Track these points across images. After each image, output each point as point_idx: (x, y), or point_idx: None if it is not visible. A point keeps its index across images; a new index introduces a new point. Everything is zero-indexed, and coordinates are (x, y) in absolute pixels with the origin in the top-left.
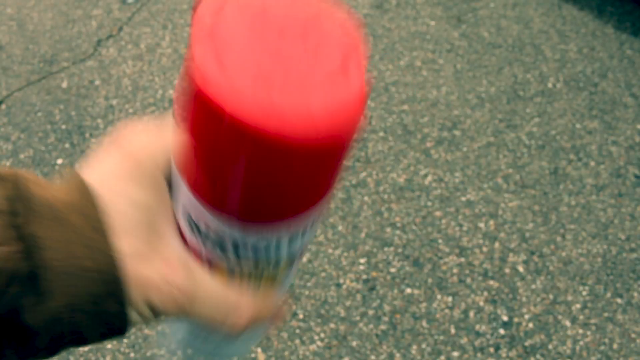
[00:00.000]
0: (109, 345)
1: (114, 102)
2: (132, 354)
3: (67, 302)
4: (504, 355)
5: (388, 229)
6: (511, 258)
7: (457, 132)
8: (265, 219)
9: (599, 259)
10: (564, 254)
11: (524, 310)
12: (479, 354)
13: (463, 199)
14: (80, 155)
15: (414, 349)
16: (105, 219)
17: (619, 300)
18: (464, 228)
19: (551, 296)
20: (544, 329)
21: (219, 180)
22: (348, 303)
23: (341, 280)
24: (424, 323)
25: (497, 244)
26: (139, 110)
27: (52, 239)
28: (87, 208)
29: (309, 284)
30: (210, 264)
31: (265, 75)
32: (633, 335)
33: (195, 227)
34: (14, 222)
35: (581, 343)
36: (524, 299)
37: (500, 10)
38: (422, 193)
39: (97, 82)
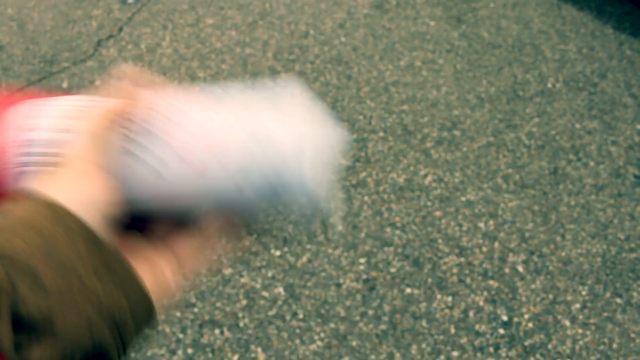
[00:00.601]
0: None
1: None
2: (132, 354)
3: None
4: (503, 355)
5: (388, 229)
6: (511, 258)
7: (457, 132)
8: None
9: (599, 259)
10: (563, 253)
11: (524, 310)
12: (478, 354)
13: (463, 199)
14: None
15: (414, 348)
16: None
17: (618, 300)
18: (464, 228)
19: (551, 296)
20: (543, 328)
21: None
22: (348, 303)
23: (341, 280)
24: (424, 323)
25: (497, 244)
26: None
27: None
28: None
29: (309, 284)
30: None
31: None
32: (632, 335)
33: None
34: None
35: (581, 343)
36: (523, 299)
37: (500, 10)
38: (422, 193)
39: (97, 83)
